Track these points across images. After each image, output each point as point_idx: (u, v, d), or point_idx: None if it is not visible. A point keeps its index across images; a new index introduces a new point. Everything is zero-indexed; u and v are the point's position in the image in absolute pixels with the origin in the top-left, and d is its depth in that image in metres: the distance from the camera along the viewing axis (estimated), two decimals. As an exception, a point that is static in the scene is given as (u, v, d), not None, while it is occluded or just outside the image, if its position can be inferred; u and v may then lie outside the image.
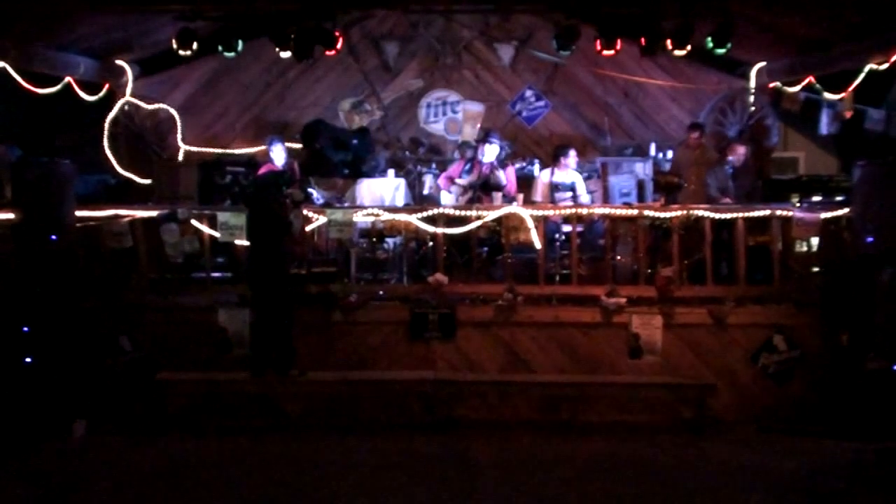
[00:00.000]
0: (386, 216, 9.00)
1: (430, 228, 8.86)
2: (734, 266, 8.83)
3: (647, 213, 8.87)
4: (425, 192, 10.61)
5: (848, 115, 9.57)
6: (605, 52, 8.88)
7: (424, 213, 8.90)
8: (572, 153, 9.89)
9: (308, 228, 8.88)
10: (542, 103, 11.53)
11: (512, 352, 8.55)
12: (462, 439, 7.74)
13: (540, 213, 8.88)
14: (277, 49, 9.01)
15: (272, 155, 9.79)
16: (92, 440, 7.75)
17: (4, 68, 8.62)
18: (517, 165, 10.54)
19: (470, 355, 8.56)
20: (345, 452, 7.32)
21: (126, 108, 10.64)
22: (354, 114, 11.59)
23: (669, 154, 10.98)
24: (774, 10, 8.73)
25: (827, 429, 7.88)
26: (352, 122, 11.55)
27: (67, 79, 9.51)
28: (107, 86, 10.37)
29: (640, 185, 10.55)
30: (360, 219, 8.96)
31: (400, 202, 10.37)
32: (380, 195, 10.46)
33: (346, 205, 9.91)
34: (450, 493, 6.25)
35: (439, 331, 8.51)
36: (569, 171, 9.89)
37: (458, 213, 8.93)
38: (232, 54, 9.18)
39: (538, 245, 8.76)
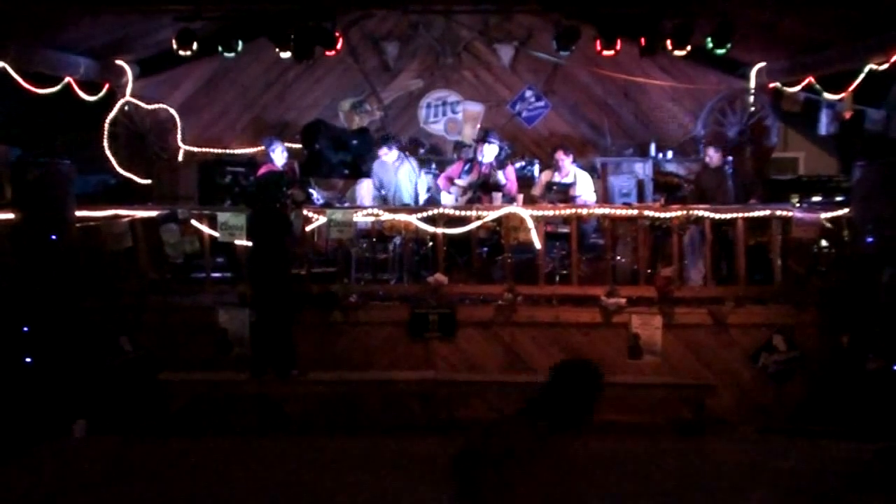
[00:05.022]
0: (386, 216, 9.00)
1: (430, 228, 8.87)
2: (734, 266, 8.84)
3: (647, 213, 8.88)
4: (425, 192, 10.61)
5: (848, 115, 9.57)
6: (605, 53, 8.88)
7: (424, 213, 8.90)
8: (558, 154, 9.88)
9: (308, 229, 8.88)
10: (541, 103, 11.54)
11: (512, 352, 8.55)
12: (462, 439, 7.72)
13: (540, 213, 8.88)
14: (277, 49, 9.01)
15: (272, 156, 9.78)
16: (92, 440, 7.75)
17: (4, 68, 8.61)
18: (517, 165, 10.54)
19: (470, 355, 8.56)
20: (345, 452, 7.32)
21: (126, 108, 10.65)
22: (354, 114, 11.59)
23: (670, 154, 10.99)
24: (774, 10, 8.73)
25: (827, 429, 7.88)
26: (352, 122, 11.55)
27: (67, 79, 9.51)
28: (107, 86, 10.37)
29: (640, 186, 10.57)
30: (361, 219, 8.96)
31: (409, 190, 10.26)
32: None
33: (346, 205, 9.90)
34: (450, 493, 6.24)
35: (439, 331, 8.51)
36: (570, 171, 9.88)
37: (458, 213, 8.93)
38: (232, 54, 9.18)
39: (538, 245, 8.76)
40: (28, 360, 7.74)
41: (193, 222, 8.83)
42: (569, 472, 3.73)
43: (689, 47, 8.76)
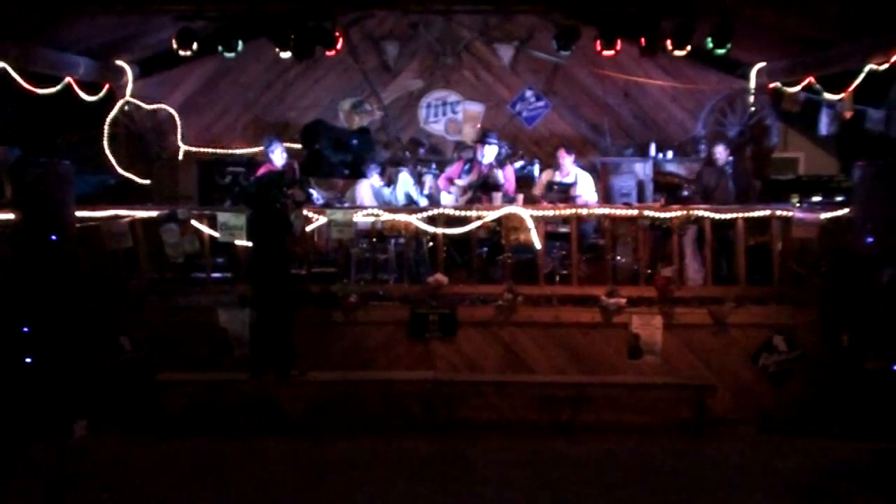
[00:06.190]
0: (386, 216, 9.00)
1: (430, 228, 8.86)
2: (734, 266, 8.83)
3: (647, 213, 8.87)
4: (425, 192, 10.62)
5: (848, 115, 9.57)
6: (605, 53, 8.87)
7: (424, 213, 8.90)
8: (560, 153, 9.90)
9: (308, 229, 8.87)
10: (542, 103, 11.55)
11: (512, 352, 8.55)
12: (462, 439, 7.74)
13: (540, 213, 8.88)
14: (277, 49, 9.00)
15: (271, 156, 9.77)
16: (92, 440, 7.75)
17: (4, 68, 8.61)
18: (517, 165, 10.54)
19: (470, 355, 8.56)
20: (345, 452, 7.32)
21: (126, 108, 10.65)
22: (354, 114, 11.59)
23: (670, 154, 10.99)
24: (774, 10, 8.73)
25: (827, 429, 7.89)
26: (352, 122, 11.56)
27: (67, 79, 9.51)
28: (107, 86, 10.38)
29: (640, 186, 10.57)
30: (361, 219, 8.96)
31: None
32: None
33: (346, 205, 9.90)
34: (450, 494, 6.25)
35: (439, 331, 8.51)
36: (571, 171, 9.88)
37: (458, 213, 8.93)
38: (232, 54, 9.16)
39: (538, 245, 8.76)
40: (28, 360, 7.73)
41: (193, 222, 8.83)
42: None
43: (689, 47, 8.75)
